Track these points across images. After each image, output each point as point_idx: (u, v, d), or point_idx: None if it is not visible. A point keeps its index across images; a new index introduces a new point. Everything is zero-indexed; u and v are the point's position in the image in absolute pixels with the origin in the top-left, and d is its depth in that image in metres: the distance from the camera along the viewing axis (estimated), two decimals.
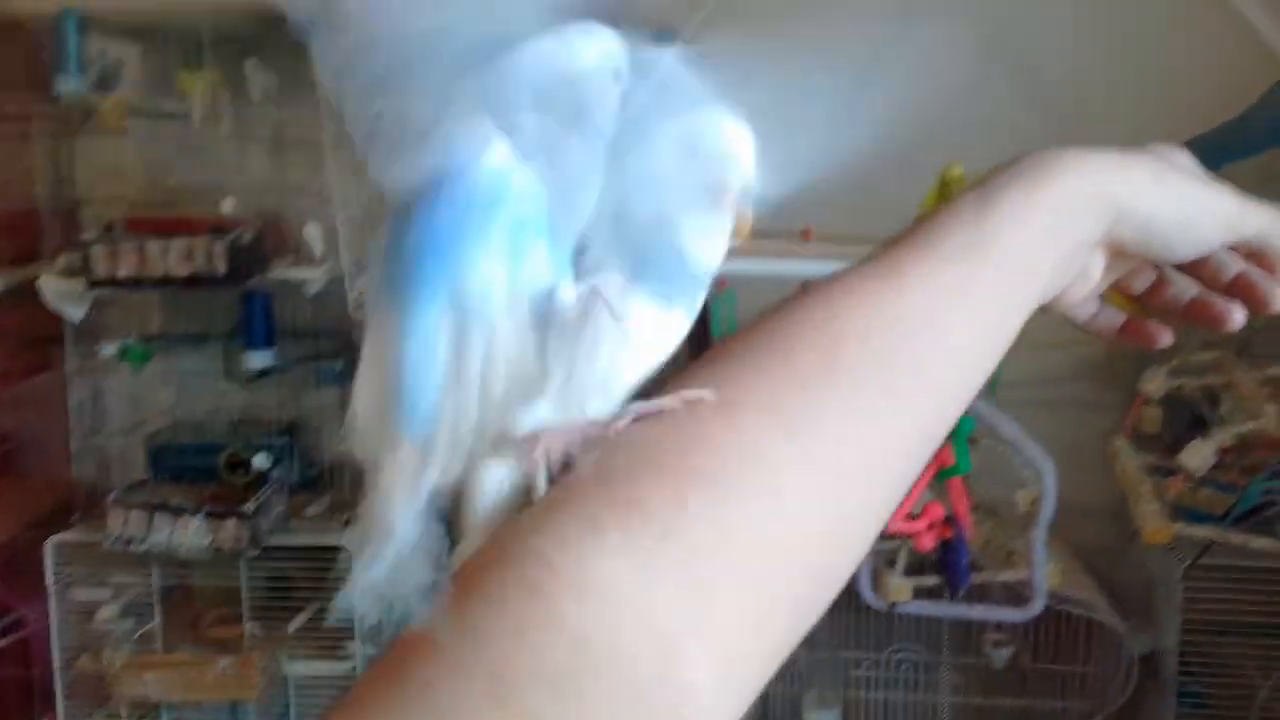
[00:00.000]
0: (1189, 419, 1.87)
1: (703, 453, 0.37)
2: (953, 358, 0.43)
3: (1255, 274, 0.50)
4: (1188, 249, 0.48)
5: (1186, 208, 0.47)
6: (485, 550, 0.36)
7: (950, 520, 1.52)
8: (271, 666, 2.05)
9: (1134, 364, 2.05)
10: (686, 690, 0.33)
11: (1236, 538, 1.56)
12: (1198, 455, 1.51)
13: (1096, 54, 2.04)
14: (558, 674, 0.32)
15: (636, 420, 0.39)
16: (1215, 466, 1.67)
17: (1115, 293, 0.54)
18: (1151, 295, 0.53)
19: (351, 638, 2.07)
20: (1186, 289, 0.52)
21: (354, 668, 2.08)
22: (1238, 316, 0.50)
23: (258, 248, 2.06)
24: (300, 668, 2.09)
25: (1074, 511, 2.23)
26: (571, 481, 0.38)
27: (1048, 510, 1.48)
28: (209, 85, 2.12)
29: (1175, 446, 1.73)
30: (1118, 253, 0.49)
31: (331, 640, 2.09)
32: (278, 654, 2.07)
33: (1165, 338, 0.53)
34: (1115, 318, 0.54)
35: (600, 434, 0.38)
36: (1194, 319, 0.51)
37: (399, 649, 0.34)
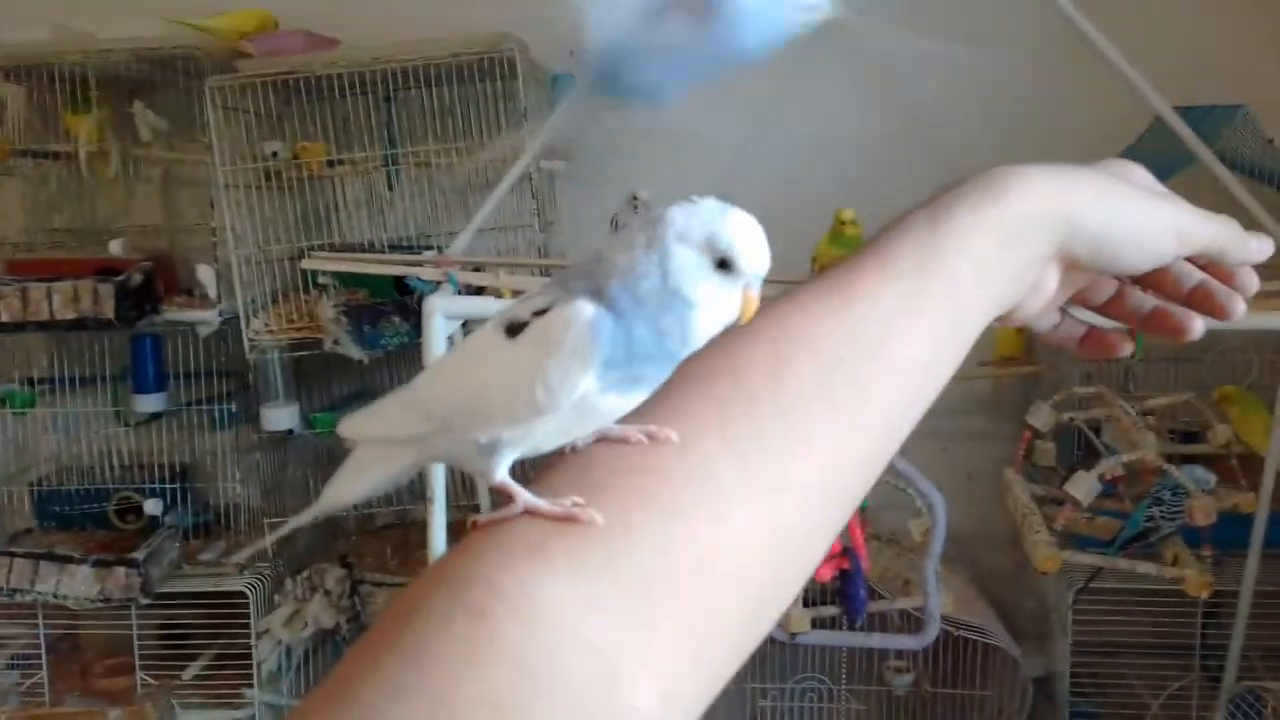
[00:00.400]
0: (1082, 449, 1.93)
1: (651, 477, 0.37)
2: (904, 374, 0.43)
3: (1213, 284, 0.50)
4: (1140, 262, 0.48)
5: (1138, 221, 0.48)
6: (432, 571, 0.36)
7: (848, 552, 1.55)
8: (165, 717, 1.99)
9: (1021, 397, 2.13)
10: (630, 715, 0.33)
11: (1123, 563, 1.62)
12: (1083, 486, 1.56)
13: (979, 99, 2.12)
14: (501, 699, 0.31)
15: (597, 442, 0.39)
16: (1106, 495, 1.73)
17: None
18: (1112, 306, 0.53)
19: (249, 685, 2.01)
20: (1146, 300, 0.52)
21: (252, 716, 2.03)
22: (1197, 326, 0.50)
23: (147, 289, 2.01)
24: (195, 718, 2.03)
25: (971, 539, 2.30)
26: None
27: (939, 542, 1.52)
28: (96, 125, 2.06)
29: (1069, 476, 1.78)
30: (1072, 266, 0.49)
31: (228, 688, 2.04)
32: (171, 703, 2.01)
33: (1125, 347, 0.54)
34: (1075, 328, 0.54)
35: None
36: (1154, 329, 0.52)
37: (343, 670, 0.33)
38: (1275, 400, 1.63)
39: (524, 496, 0.37)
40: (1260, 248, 0.51)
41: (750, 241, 0.38)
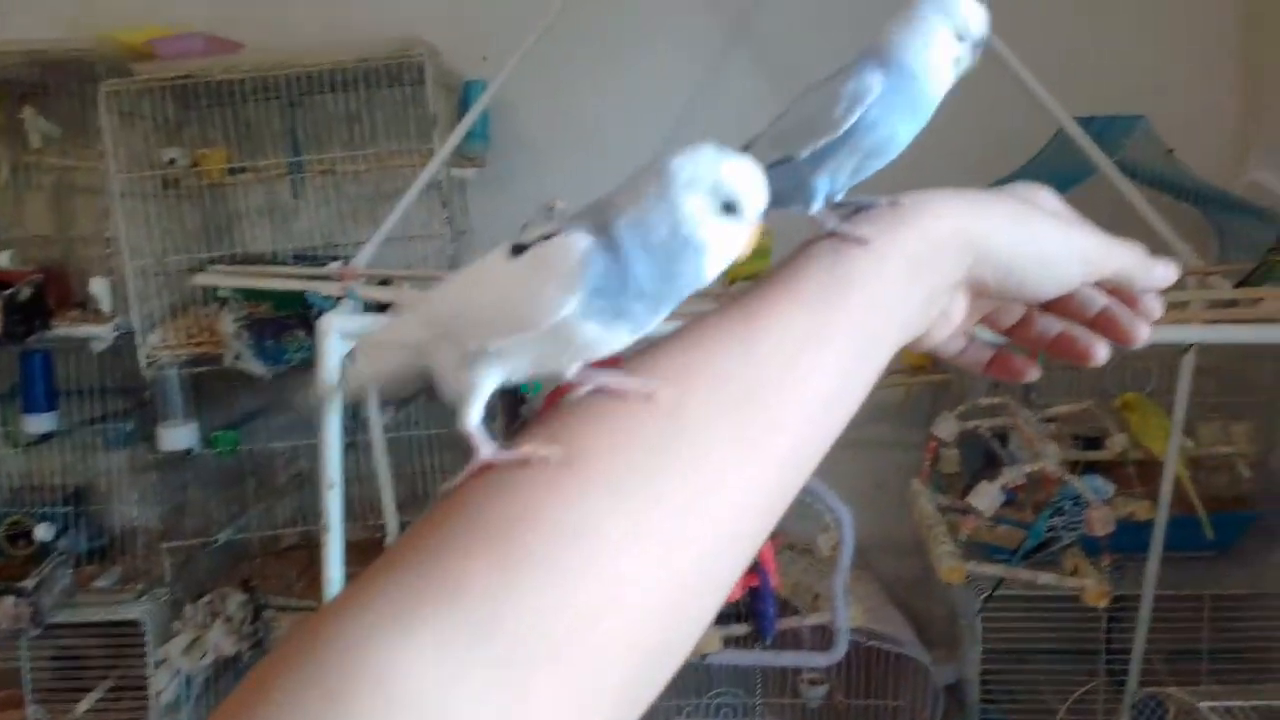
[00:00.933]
0: (985, 457, 1.95)
1: (536, 529, 0.35)
2: (809, 404, 0.42)
3: (1118, 310, 0.50)
4: (1047, 288, 0.48)
5: (1045, 248, 0.47)
6: (297, 631, 0.33)
7: (757, 569, 1.54)
8: None
9: (929, 405, 2.15)
10: None
11: (1024, 574, 1.63)
12: (985, 497, 1.57)
13: None
14: None
15: (487, 468, 0.38)
16: (1010, 502, 1.74)
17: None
18: (1019, 330, 0.53)
19: (147, 717, 1.94)
20: (1052, 324, 0.52)
21: None
22: (1101, 352, 0.50)
23: (37, 303, 1.93)
24: None
25: (882, 546, 2.31)
26: (402, 543, 0.35)
27: (846, 557, 1.52)
28: None
29: (974, 484, 1.79)
30: (980, 292, 0.49)
31: None
32: None
33: (1032, 372, 0.53)
34: (983, 352, 0.54)
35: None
36: (1060, 354, 0.52)
37: None
38: (1173, 406, 1.66)
39: (486, 449, 0.39)
40: (1165, 274, 0.50)
41: (751, 183, 0.41)
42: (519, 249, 0.40)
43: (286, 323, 1.98)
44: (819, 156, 0.51)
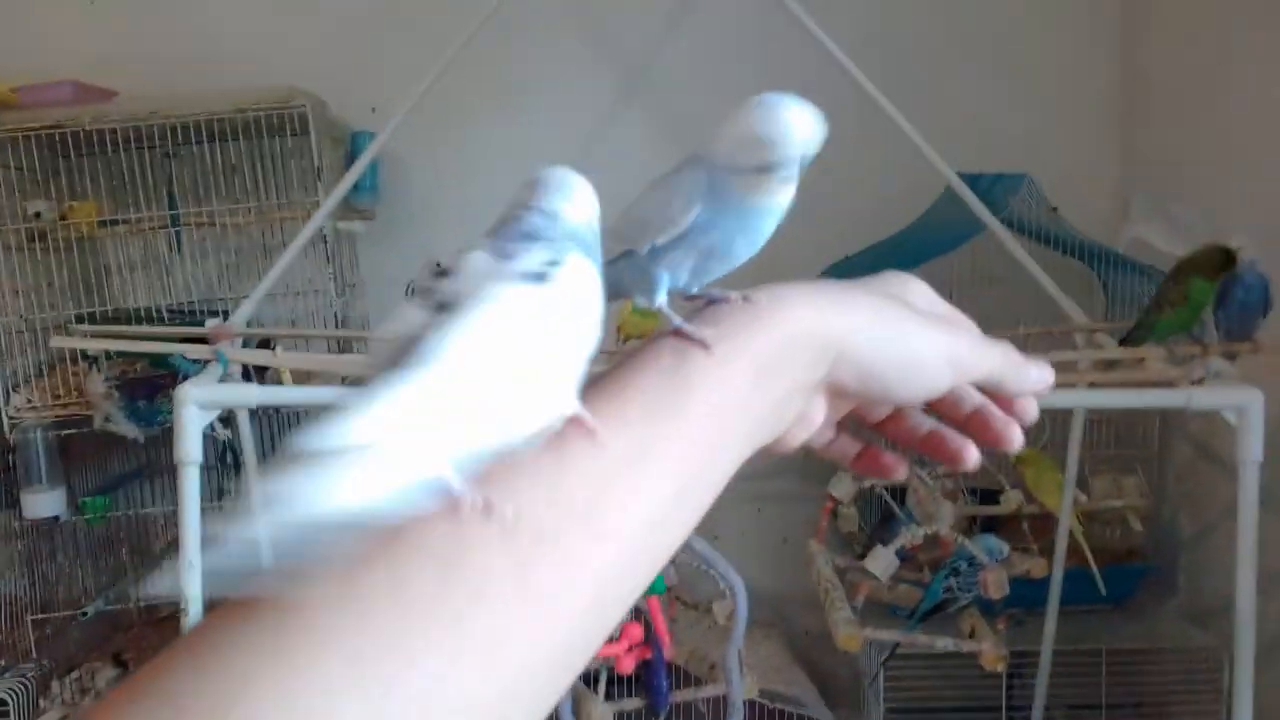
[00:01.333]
0: (883, 515, 1.94)
1: (252, 711, 0.28)
2: (625, 539, 0.36)
3: (990, 411, 0.48)
4: (913, 393, 0.45)
5: (911, 349, 0.44)
6: None
7: (650, 640, 1.49)
8: None
9: (831, 462, 2.13)
10: None
11: (922, 639, 1.61)
12: (880, 561, 1.55)
13: None
14: None
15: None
16: (908, 561, 1.72)
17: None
18: (889, 425, 0.51)
19: None
20: (924, 421, 0.50)
21: None
22: (972, 455, 0.48)
23: None
24: None
25: (786, 601, 2.28)
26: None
27: (741, 626, 1.47)
28: None
29: (872, 544, 1.77)
30: (840, 393, 0.45)
31: None
32: None
33: (900, 470, 0.51)
34: (850, 446, 0.51)
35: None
36: (930, 453, 0.49)
37: None
38: (1066, 461, 1.67)
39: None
40: (1040, 377, 0.48)
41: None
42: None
43: (160, 382, 1.89)
44: (657, 252, 0.50)
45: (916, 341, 0.44)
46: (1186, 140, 1.99)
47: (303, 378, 1.76)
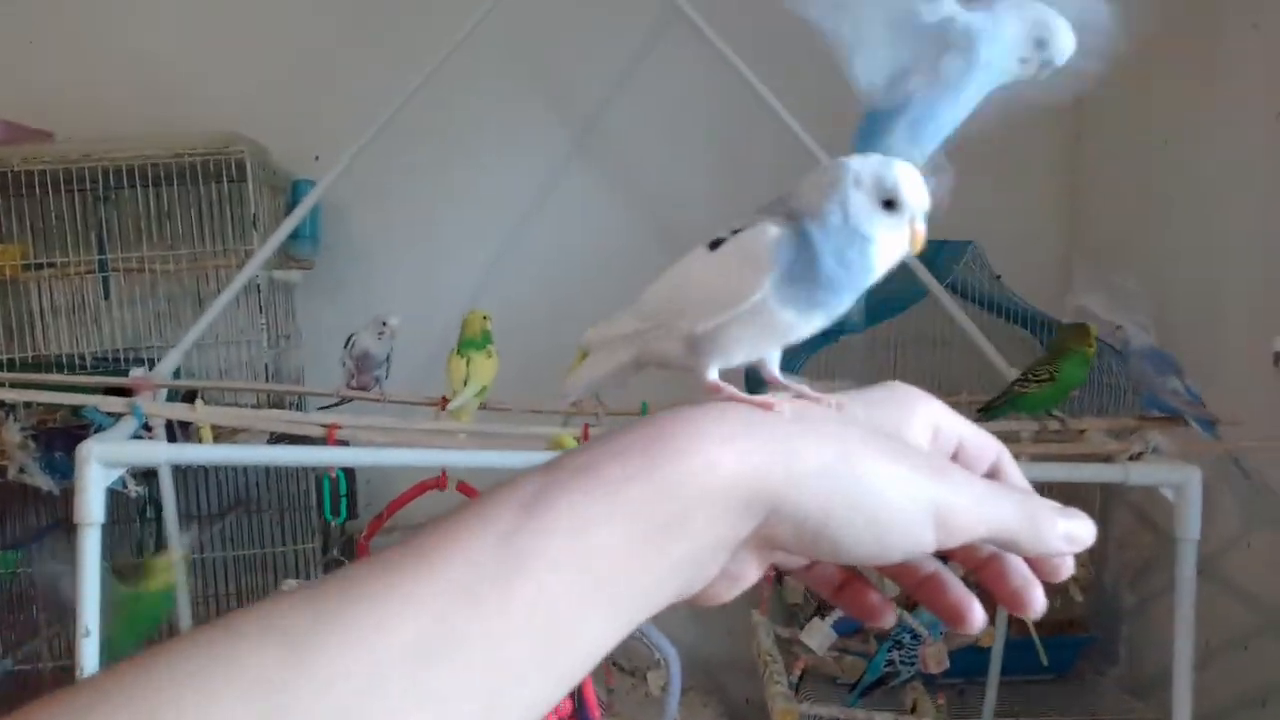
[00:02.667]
0: None
1: None
2: None
3: (1009, 565, 0.39)
4: (873, 554, 0.36)
5: (880, 502, 0.35)
6: None
7: (579, 712, 1.43)
8: None
9: None
10: None
11: (860, 714, 1.57)
12: (817, 635, 1.52)
13: (728, 214, 2.13)
14: None
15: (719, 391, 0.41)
16: (856, 632, 1.69)
17: None
18: (840, 588, 0.42)
19: None
20: (924, 562, 0.40)
21: None
22: (976, 617, 0.40)
23: None
24: None
25: (727, 668, 2.23)
26: None
27: (674, 699, 1.42)
28: None
29: (809, 621, 1.74)
30: (779, 548, 0.37)
31: None
32: None
33: (887, 616, 0.42)
34: (833, 573, 0.42)
35: None
36: (926, 602, 0.41)
37: None
38: None
39: (729, 389, 0.40)
40: (1066, 537, 0.38)
41: (911, 183, 0.42)
42: (716, 244, 0.44)
43: (80, 433, 1.81)
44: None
45: (889, 493, 0.35)
46: (1128, 212, 2.01)
47: (229, 433, 1.70)
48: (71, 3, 2.19)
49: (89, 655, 1.11)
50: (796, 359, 1.74)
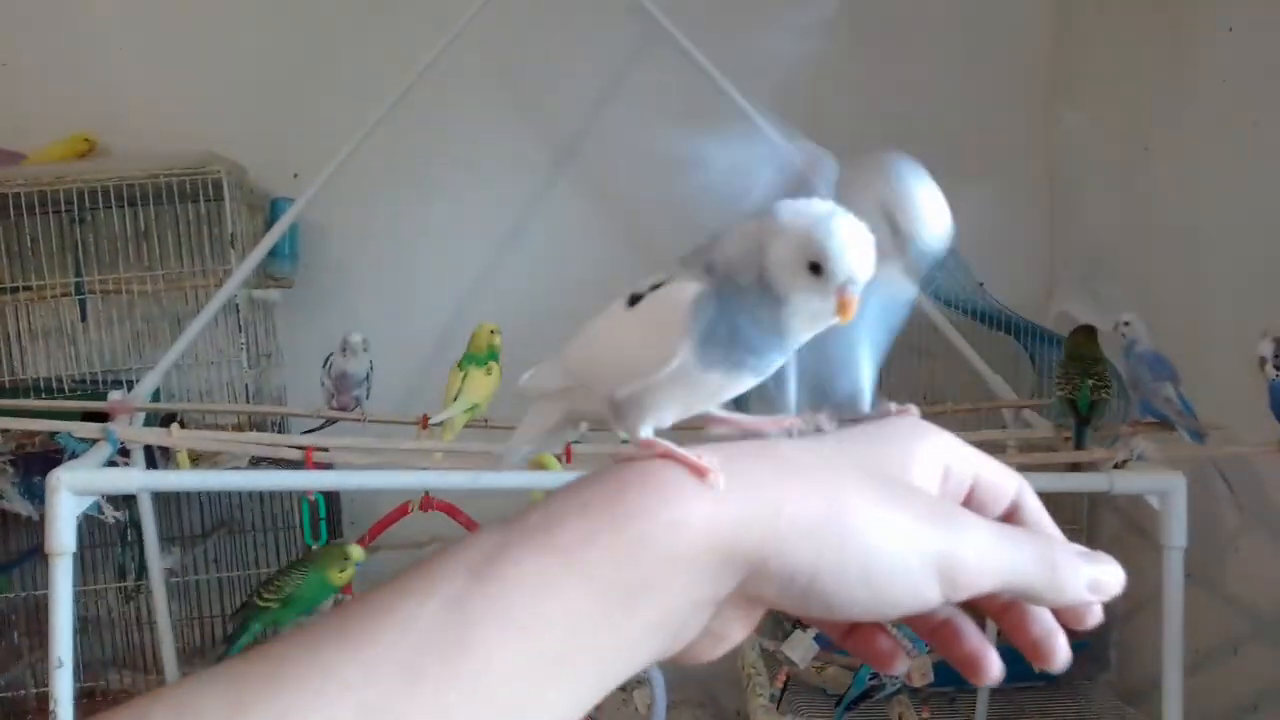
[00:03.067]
0: None
1: None
2: None
3: (1030, 614, 0.36)
4: (870, 612, 0.33)
5: (877, 558, 0.32)
6: None
7: None
8: None
9: None
10: None
11: None
12: (799, 647, 1.50)
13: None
14: None
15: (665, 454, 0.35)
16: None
17: None
18: (848, 633, 0.39)
19: None
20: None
21: None
22: (992, 668, 0.37)
23: None
24: None
25: (715, 680, 2.21)
26: None
27: (659, 718, 1.41)
28: None
29: (800, 624, 1.73)
30: (765, 604, 0.34)
31: None
32: None
33: (900, 663, 0.39)
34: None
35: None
36: (940, 648, 0.38)
37: None
38: None
39: (663, 444, 0.35)
40: (1099, 581, 0.35)
41: (844, 247, 0.36)
42: (635, 299, 0.40)
43: (58, 458, 1.79)
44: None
45: (886, 546, 0.32)
46: (1110, 218, 2.00)
47: (209, 455, 1.68)
48: (45, 25, 2.17)
49: (63, 686, 1.09)
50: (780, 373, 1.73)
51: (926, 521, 0.33)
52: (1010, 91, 2.21)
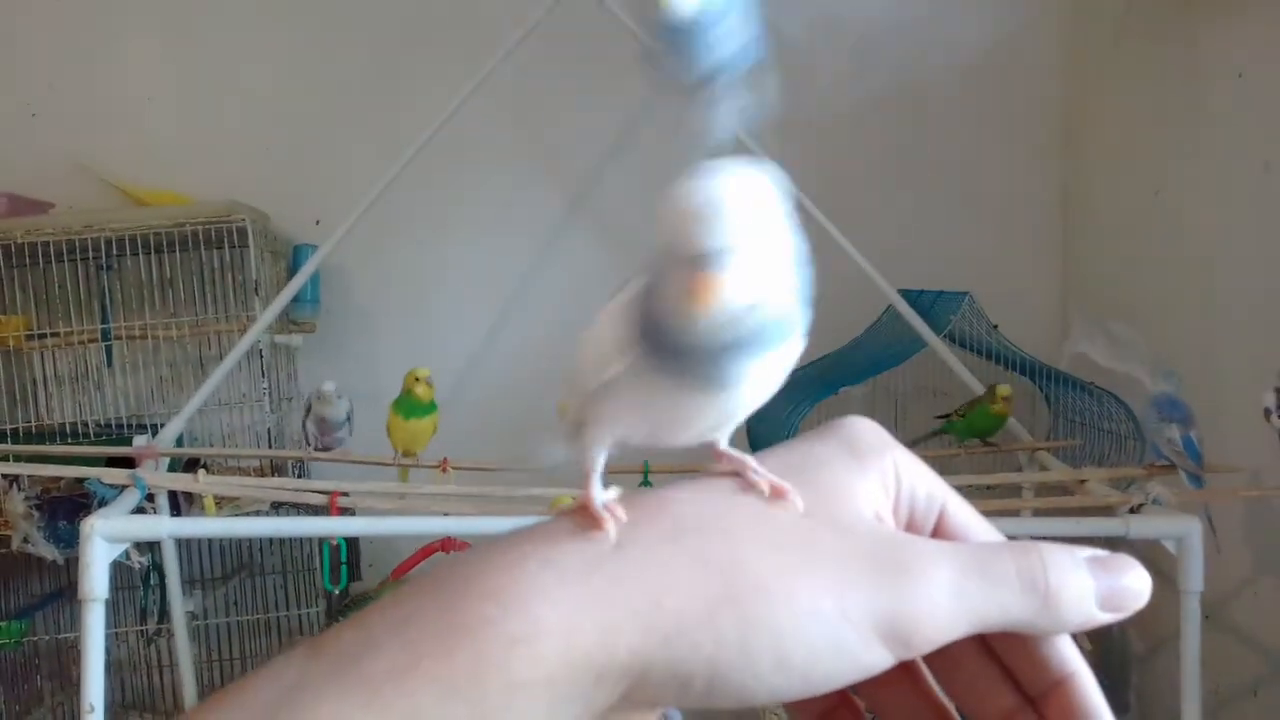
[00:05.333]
0: None
1: None
2: None
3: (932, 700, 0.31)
4: (803, 693, 0.27)
5: (800, 638, 0.26)
6: None
7: None
8: None
9: None
10: None
11: None
12: None
13: None
14: None
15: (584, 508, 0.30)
16: None
17: None
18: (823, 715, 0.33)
19: None
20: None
21: None
22: None
23: None
24: None
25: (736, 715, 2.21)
26: None
27: None
28: None
29: None
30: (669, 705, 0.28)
31: None
32: None
33: None
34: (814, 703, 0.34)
35: None
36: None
37: None
38: None
39: (588, 489, 0.31)
40: (1115, 591, 0.29)
41: (684, 220, 0.31)
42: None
43: (83, 502, 1.81)
44: None
45: (805, 624, 0.26)
46: (1122, 261, 2.02)
47: (232, 499, 1.70)
48: (71, 75, 2.22)
49: (95, 691, 1.10)
50: (796, 413, 1.75)
51: (858, 574, 0.27)
52: (1024, 134, 2.23)
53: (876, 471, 0.31)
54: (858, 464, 0.31)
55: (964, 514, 0.32)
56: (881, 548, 0.28)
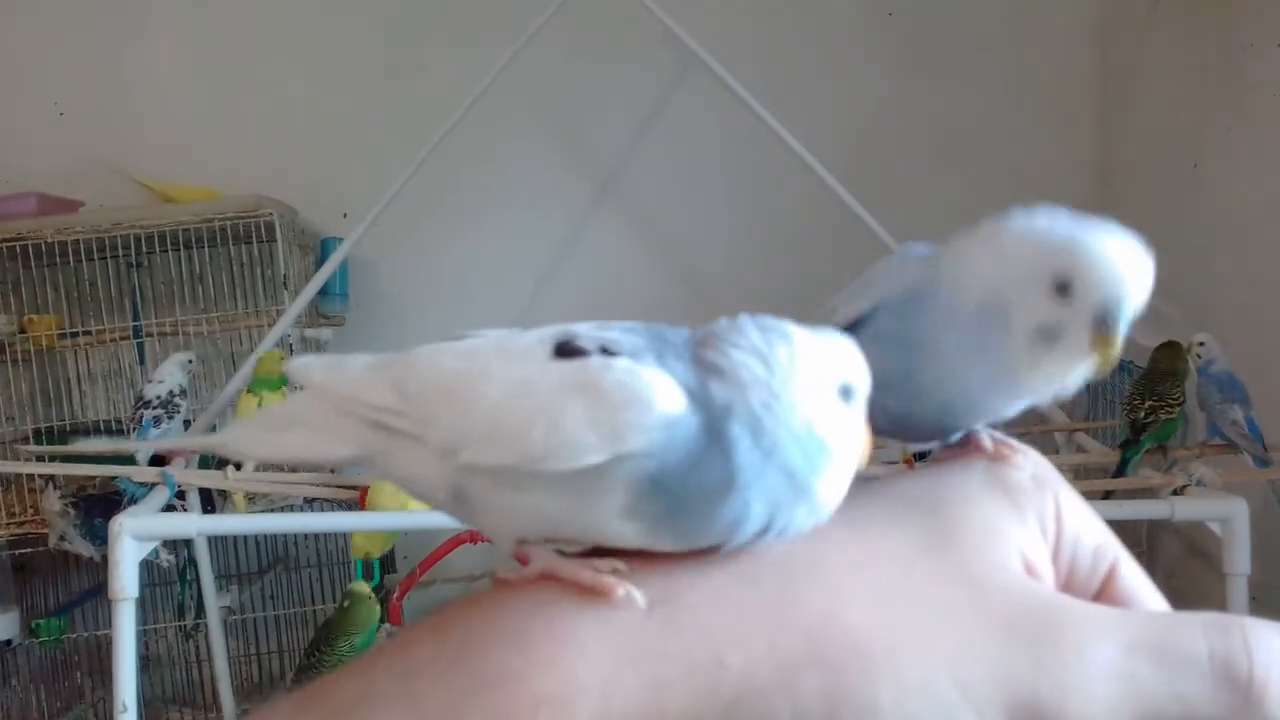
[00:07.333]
0: None
1: None
2: None
3: None
4: None
5: (899, 715, 0.21)
6: None
7: None
8: None
9: None
10: None
11: None
12: None
13: (752, 260, 2.13)
14: None
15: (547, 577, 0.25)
16: None
17: None
18: None
19: None
20: None
21: None
22: None
23: None
24: None
25: None
26: None
27: None
28: None
29: None
30: None
31: None
32: None
33: None
34: None
35: None
36: None
37: None
38: None
39: (546, 560, 0.24)
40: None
41: (860, 363, 0.28)
42: (567, 350, 0.29)
43: (118, 499, 1.82)
44: None
45: (910, 701, 0.21)
46: (1163, 235, 1.97)
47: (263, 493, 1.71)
48: (100, 74, 2.23)
49: (128, 691, 1.10)
50: None
51: (988, 640, 0.21)
52: (1059, 109, 2.19)
53: (1034, 514, 0.24)
54: (1009, 502, 0.24)
55: (1137, 579, 0.25)
56: (1025, 609, 0.22)
